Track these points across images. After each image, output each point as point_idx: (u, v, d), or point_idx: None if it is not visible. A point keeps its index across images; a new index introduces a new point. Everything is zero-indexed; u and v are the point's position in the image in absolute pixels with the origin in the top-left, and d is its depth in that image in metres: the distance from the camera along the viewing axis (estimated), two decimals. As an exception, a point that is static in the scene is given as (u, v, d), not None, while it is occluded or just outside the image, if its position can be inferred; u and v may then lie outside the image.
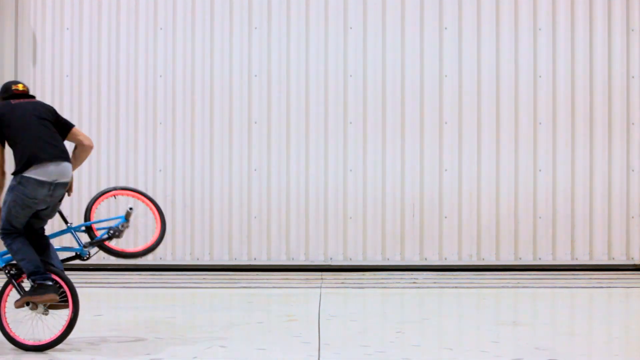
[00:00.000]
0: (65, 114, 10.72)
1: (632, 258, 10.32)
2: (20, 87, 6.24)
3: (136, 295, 9.02)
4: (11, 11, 10.77)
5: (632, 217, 10.34)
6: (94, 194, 10.65)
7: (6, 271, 6.07)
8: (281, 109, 10.52)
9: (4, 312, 6.02)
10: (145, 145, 10.62)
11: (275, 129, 10.49)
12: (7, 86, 6.27)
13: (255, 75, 10.56)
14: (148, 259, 10.62)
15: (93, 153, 10.66)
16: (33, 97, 6.28)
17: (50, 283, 5.89)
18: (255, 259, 10.54)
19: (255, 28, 10.58)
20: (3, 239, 6.03)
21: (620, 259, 10.33)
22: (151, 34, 10.67)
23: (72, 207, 10.46)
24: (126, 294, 9.05)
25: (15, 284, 6.00)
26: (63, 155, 6.02)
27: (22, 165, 5.91)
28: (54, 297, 5.87)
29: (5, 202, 5.99)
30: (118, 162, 10.66)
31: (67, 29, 10.74)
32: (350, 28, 10.52)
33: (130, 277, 10.09)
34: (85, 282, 9.74)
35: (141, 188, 10.62)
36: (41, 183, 5.90)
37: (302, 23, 10.55)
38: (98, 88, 10.72)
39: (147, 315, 7.55)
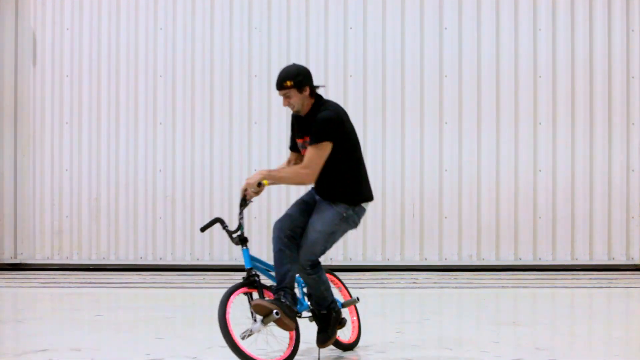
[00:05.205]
0: (65, 114, 10.73)
1: (632, 258, 10.32)
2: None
3: (136, 295, 9.02)
4: (11, 11, 10.77)
5: (632, 217, 10.33)
6: (93, 193, 10.67)
7: (252, 274, 5.45)
8: (281, 109, 10.51)
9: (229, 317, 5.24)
10: (145, 145, 10.62)
11: (275, 129, 10.49)
12: (310, 73, 5.45)
13: (255, 75, 10.56)
14: (148, 259, 10.64)
15: (93, 153, 10.73)
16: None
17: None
18: (255, 259, 10.52)
19: (255, 28, 10.58)
20: (311, 270, 5.46)
21: (620, 259, 10.33)
22: (151, 34, 10.67)
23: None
24: (126, 294, 9.06)
25: (262, 294, 5.39)
26: None
27: (364, 194, 5.58)
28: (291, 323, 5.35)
29: (331, 227, 5.50)
30: (118, 162, 10.66)
31: (67, 29, 10.74)
32: (350, 28, 10.52)
33: (130, 277, 10.09)
34: (85, 282, 9.74)
35: (141, 188, 10.63)
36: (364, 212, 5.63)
37: (302, 23, 10.56)
38: (98, 88, 10.72)
39: (147, 315, 7.55)
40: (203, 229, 5.63)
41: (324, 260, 10.48)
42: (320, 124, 5.28)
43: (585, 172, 10.37)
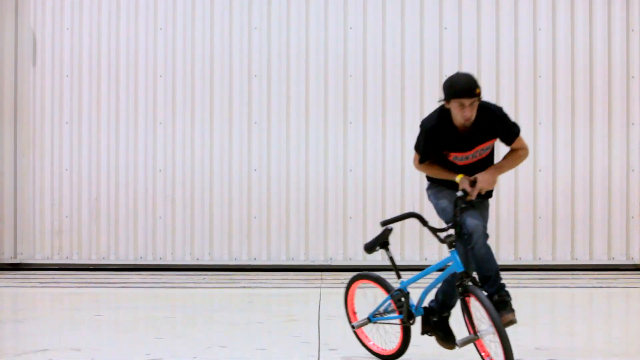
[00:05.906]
0: (65, 114, 10.73)
1: (632, 258, 10.32)
2: None
3: (136, 295, 9.02)
4: (11, 11, 10.77)
5: (632, 217, 10.34)
6: (93, 193, 10.67)
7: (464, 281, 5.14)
8: (281, 109, 10.52)
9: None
10: (145, 145, 10.62)
11: (275, 129, 10.49)
12: None
13: (255, 75, 10.56)
14: (148, 259, 10.64)
15: (93, 153, 10.73)
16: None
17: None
18: (255, 259, 10.54)
19: (255, 28, 10.58)
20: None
21: (620, 259, 10.33)
22: (151, 34, 10.67)
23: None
24: (126, 294, 9.06)
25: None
26: None
27: None
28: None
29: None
30: (118, 162, 10.66)
31: (67, 29, 10.74)
32: (350, 28, 10.52)
33: (130, 277, 10.09)
34: (85, 282, 9.74)
35: (141, 188, 10.63)
36: None
37: (302, 23, 10.56)
38: (98, 88, 10.72)
39: (147, 315, 7.55)
40: (386, 223, 5.42)
41: (325, 260, 10.49)
42: (508, 118, 5.53)
43: (585, 172, 10.37)
